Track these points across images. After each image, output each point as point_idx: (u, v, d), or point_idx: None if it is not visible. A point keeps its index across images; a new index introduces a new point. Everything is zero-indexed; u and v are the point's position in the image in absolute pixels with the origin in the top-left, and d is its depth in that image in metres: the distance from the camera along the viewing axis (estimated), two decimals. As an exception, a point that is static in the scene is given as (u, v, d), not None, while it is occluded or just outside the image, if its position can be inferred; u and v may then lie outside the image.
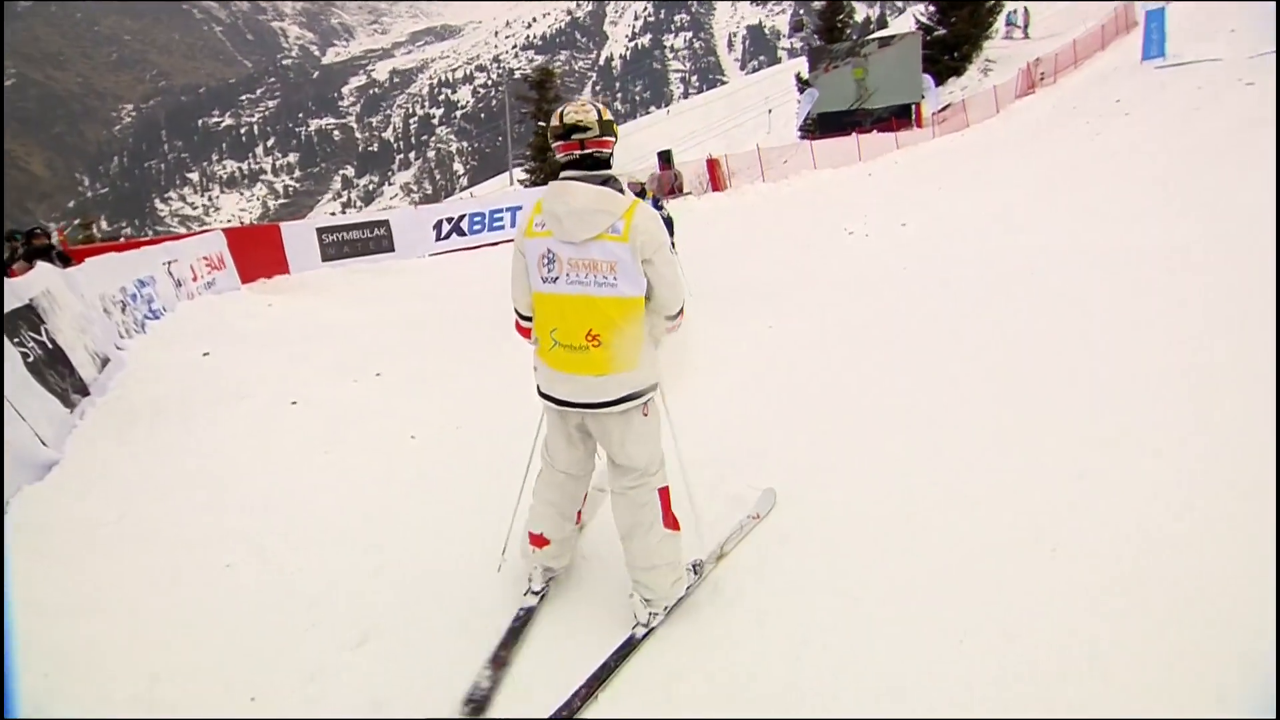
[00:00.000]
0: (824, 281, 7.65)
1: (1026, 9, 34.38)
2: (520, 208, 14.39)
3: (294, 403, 4.63)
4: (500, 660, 2.16)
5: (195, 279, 9.10)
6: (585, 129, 2.12)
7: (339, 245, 12.55)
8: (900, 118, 27.13)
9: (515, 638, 2.26)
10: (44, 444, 3.62)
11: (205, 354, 6.04)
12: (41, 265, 5.37)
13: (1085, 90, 21.36)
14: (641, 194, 3.48)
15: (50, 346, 4.41)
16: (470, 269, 11.63)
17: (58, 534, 2.81)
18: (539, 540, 2.42)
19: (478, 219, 13.94)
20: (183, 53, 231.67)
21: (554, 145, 2.17)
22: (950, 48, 30.99)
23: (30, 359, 4.08)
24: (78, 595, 2.41)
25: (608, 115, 2.18)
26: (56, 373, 4.32)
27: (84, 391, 4.52)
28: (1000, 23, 32.44)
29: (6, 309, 4.18)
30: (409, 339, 6.74)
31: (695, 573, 2.49)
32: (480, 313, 7.88)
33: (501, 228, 14.08)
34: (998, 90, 25.25)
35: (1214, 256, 5.85)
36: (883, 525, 2.71)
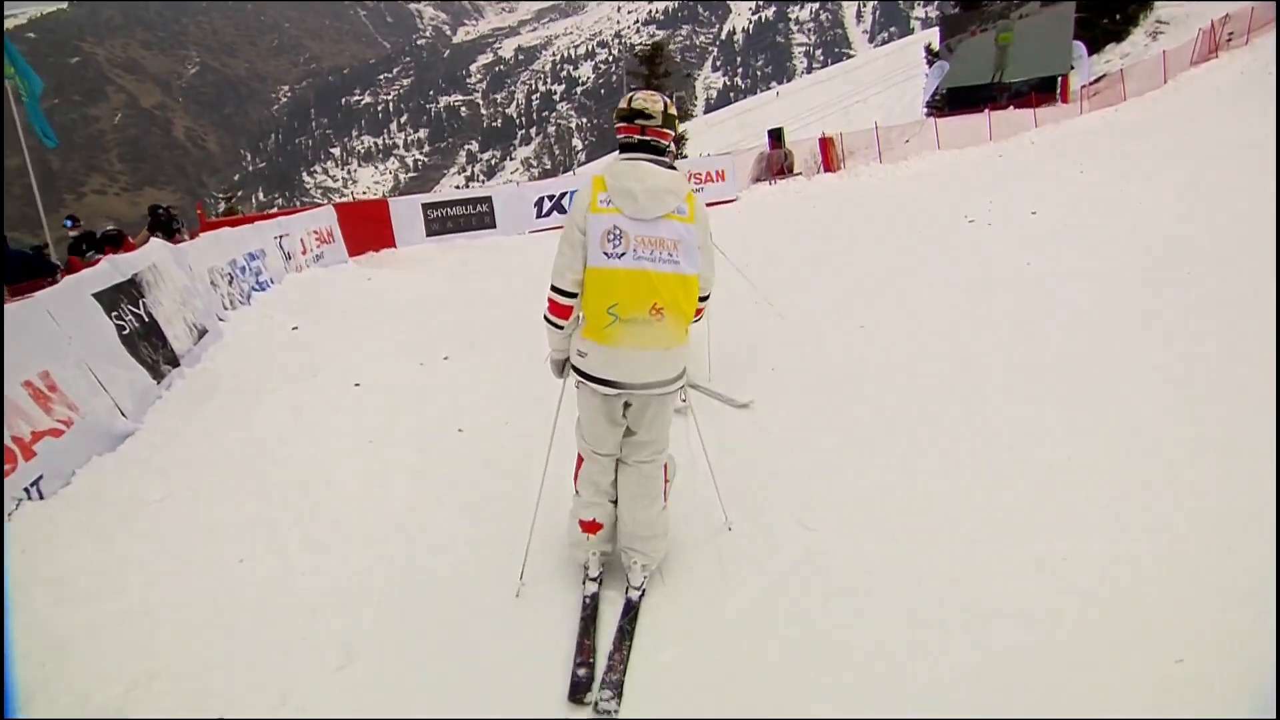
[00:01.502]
0: (933, 276, 6.89)
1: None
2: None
3: (357, 384, 4.68)
4: (587, 649, 2.20)
5: (305, 252, 9.63)
6: (649, 116, 2.24)
7: (443, 221, 12.92)
8: (1042, 92, 24.32)
9: (592, 625, 2.30)
10: (123, 415, 3.83)
11: (295, 328, 6.31)
12: (154, 240, 5.77)
13: (1285, 54, 18.14)
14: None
15: (147, 319, 4.69)
16: (564, 248, 11.62)
17: (104, 509, 2.92)
18: (592, 526, 2.46)
19: (584, 188, 13.88)
20: (331, 36, 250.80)
21: (619, 125, 2.28)
22: (1112, 9, 27.29)
23: (125, 331, 4.34)
24: (96, 578, 2.46)
25: (673, 110, 2.31)
26: (150, 344, 4.59)
27: (175, 363, 4.79)
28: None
29: (112, 284, 4.47)
30: (488, 319, 6.72)
31: None
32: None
33: (600, 207, 13.98)
34: (1167, 56, 22.04)
35: None
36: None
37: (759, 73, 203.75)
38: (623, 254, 2.18)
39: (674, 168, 2.27)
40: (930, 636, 2.13)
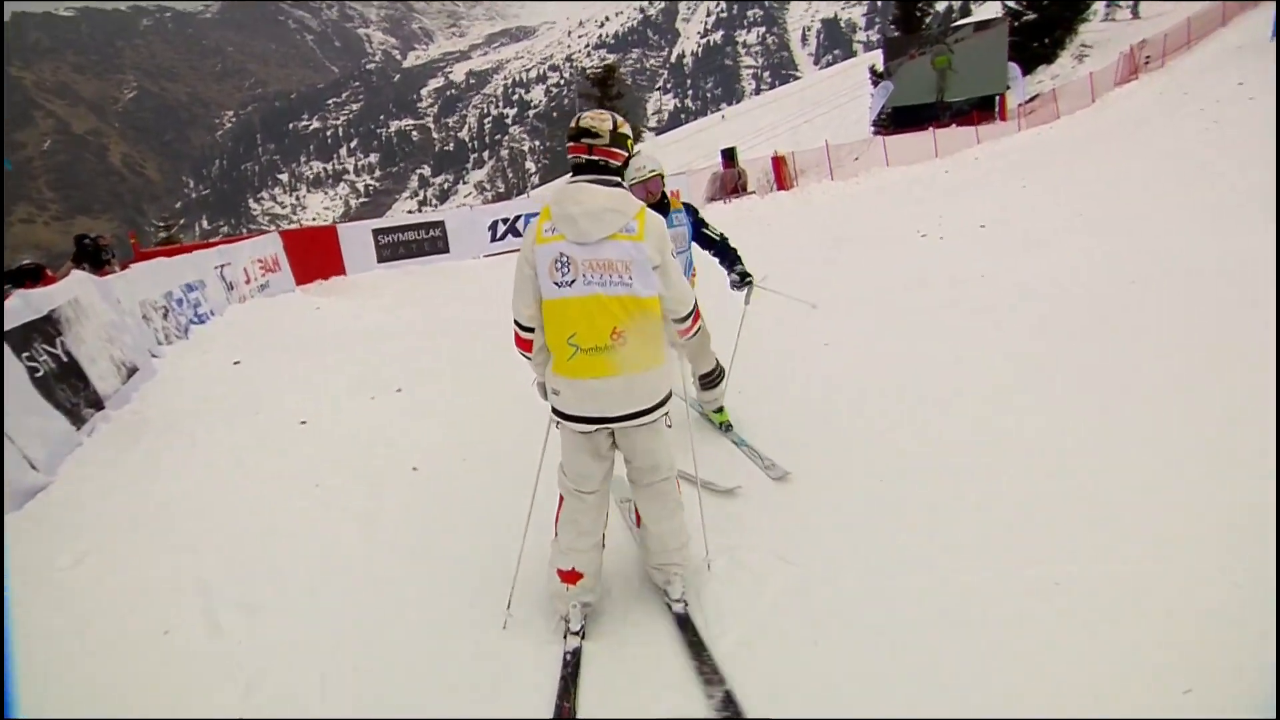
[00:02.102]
0: (893, 291, 6.94)
1: (1136, -14, 31.64)
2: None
3: (303, 422, 4.39)
4: (566, 710, 2.03)
5: (249, 282, 9.21)
6: (596, 135, 2.17)
7: (394, 247, 12.60)
8: (982, 110, 25.36)
9: (573, 684, 2.11)
10: (33, 467, 3.47)
11: (236, 362, 5.95)
12: (76, 273, 5.37)
13: (1200, 73, 19.30)
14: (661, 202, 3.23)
15: (66, 359, 4.32)
16: (521, 271, 11.42)
17: (10, 577, 2.59)
18: (572, 576, 2.32)
19: (533, 220, 13.72)
20: (277, 61, 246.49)
21: (569, 145, 2.21)
22: (1041, 33, 28.74)
23: (39, 373, 3.97)
24: (-7, 662, 2.15)
25: (624, 129, 2.22)
26: (69, 386, 4.22)
27: (99, 405, 4.42)
28: (1098, 2, 29.91)
29: (21, 322, 4.10)
30: (442, 348, 6.48)
31: None
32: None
33: (556, 229, 13.84)
34: (1094, 77, 23.22)
35: None
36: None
37: (709, 94, 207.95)
38: (573, 281, 2.10)
39: (621, 185, 2.21)
40: (918, 665, 2.01)
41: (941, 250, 8.64)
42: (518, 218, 13.55)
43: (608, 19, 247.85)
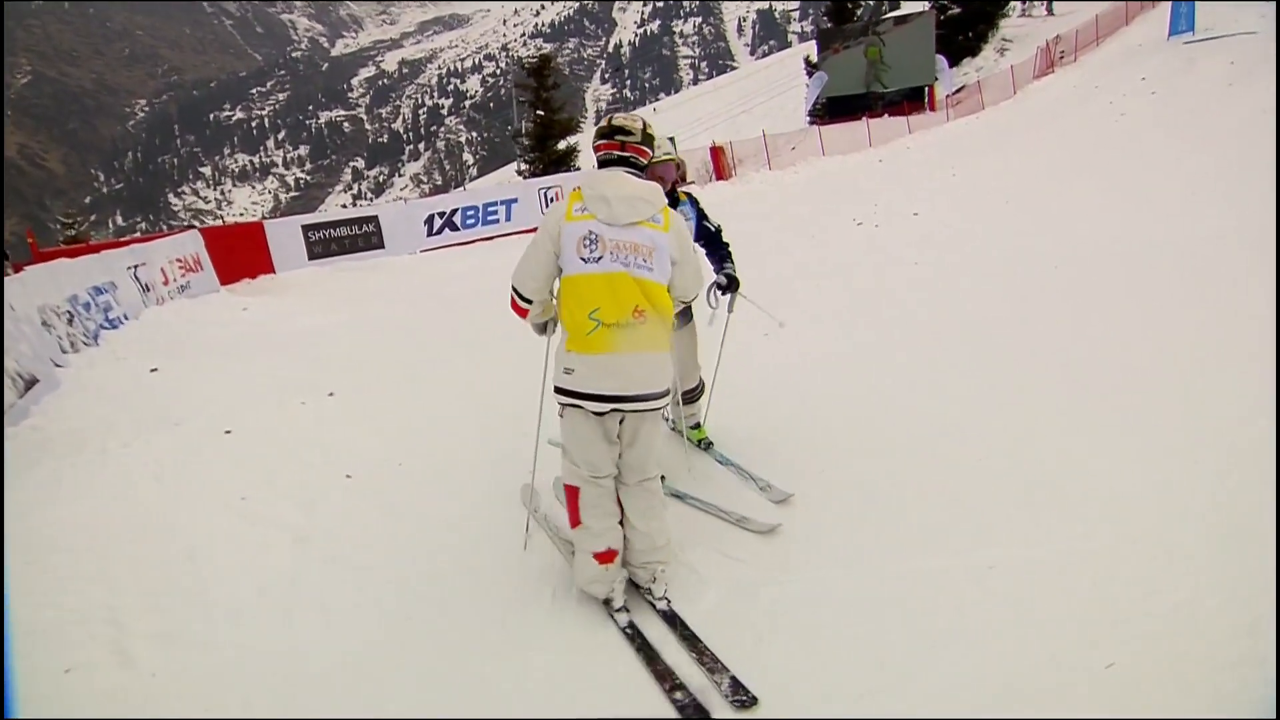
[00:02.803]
0: (831, 279, 7.07)
1: (1051, -15, 33.12)
2: (515, 200, 13.85)
3: (228, 432, 4.12)
4: (668, 673, 2.09)
5: (166, 282, 8.64)
6: (629, 133, 2.36)
7: (326, 243, 12.05)
8: (912, 101, 26.16)
9: (652, 650, 2.19)
10: (-84, 493, 3.14)
11: (153, 370, 5.57)
12: (-38, 278, 4.91)
13: (1108, 68, 20.42)
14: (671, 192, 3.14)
15: (-48, 372, 3.94)
16: (460, 266, 11.14)
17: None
18: (609, 555, 2.38)
19: (470, 213, 13.38)
20: (193, 47, 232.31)
21: (596, 144, 2.41)
22: (965, 26, 29.81)
23: (-78, 389, 3.61)
24: None
25: (651, 130, 2.43)
26: (-43, 402, 3.85)
27: (-7, 422, 4.05)
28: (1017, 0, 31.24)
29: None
30: (377, 348, 6.25)
31: None
32: (461, 316, 7.40)
33: (495, 221, 13.54)
34: (1015, 70, 24.25)
35: (1246, 249, 5.26)
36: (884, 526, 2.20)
37: (646, 84, 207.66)
38: (600, 257, 2.22)
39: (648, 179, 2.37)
40: (871, 659, 2.04)
41: (876, 238, 8.86)
42: (454, 211, 13.18)
43: (543, 7, 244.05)
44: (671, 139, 3.23)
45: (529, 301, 2.39)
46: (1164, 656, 1.83)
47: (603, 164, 2.38)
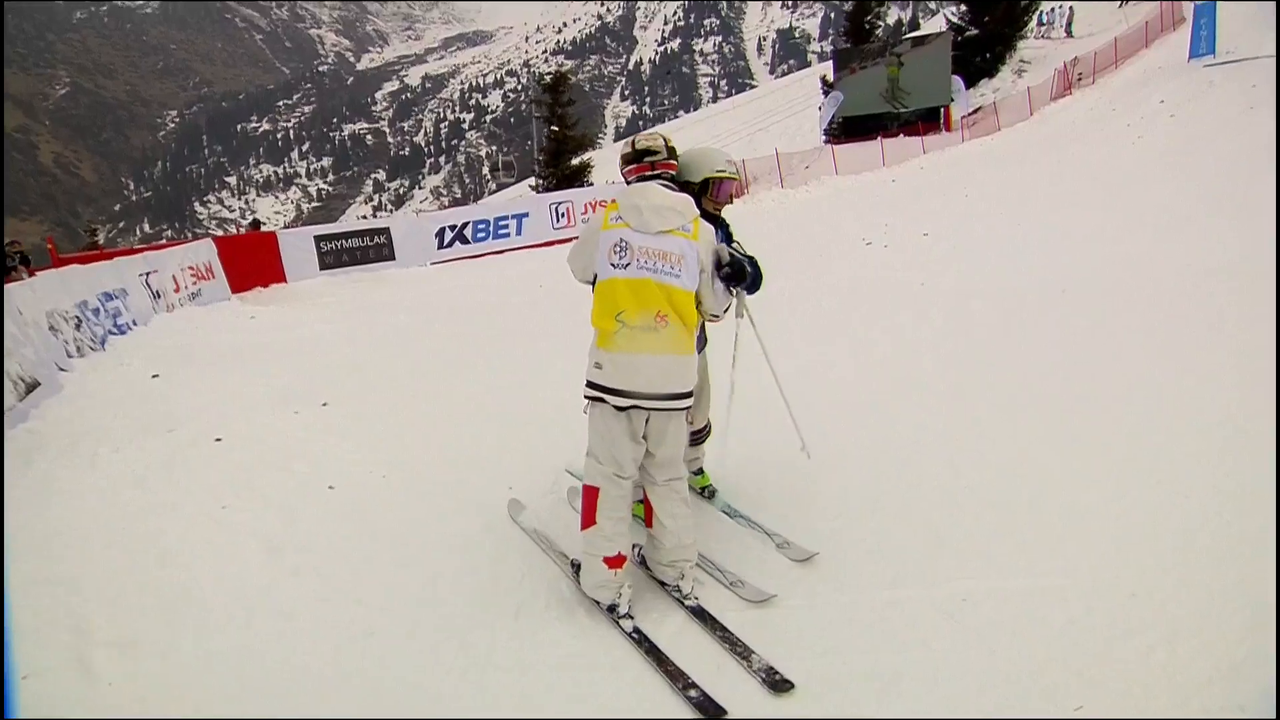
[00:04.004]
0: (835, 297, 7.03)
1: (1071, 7, 32.97)
2: (526, 214, 13.97)
3: (218, 439, 4.15)
4: (680, 674, 2.11)
5: (178, 290, 8.81)
6: (655, 153, 2.54)
7: (337, 254, 12.24)
8: (928, 121, 26.11)
9: (660, 652, 2.21)
10: (-95, 494, 3.19)
11: (155, 376, 5.65)
12: (-28, 282, 5.02)
13: (1126, 91, 20.24)
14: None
15: (-49, 375, 4.02)
16: (469, 278, 11.24)
17: None
18: (619, 560, 2.42)
19: (482, 226, 13.53)
20: (224, 60, 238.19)
21: (625, 170, 2.57)
22: (982, 48, 29.76)
23: (-80, 391, 3.68)
24: None
25: (672, 143, 2.60)
26: (-45, 404, 3.92)
27: (-10, 424, 4.11)
28: (1034, 22, 31.15)
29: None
30: (378, 358, 6.28)
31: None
32: (466, 329, 7.45)
33: (506, 235, 13.66)
34: (1031, 92, 24.14)
35: (1258, 277, 5.16)
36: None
37: (666, 101, 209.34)
38: (628, 264, 2.36)
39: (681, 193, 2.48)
40: (832, 700, 1.98)
41: (885, 258, 8.81)
42: (465, 224, 13.33)
43: (565, 25, 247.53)
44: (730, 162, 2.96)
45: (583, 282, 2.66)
46: (1133, 703, 1.77)
47: (640, 179, 2.55)
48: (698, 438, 3.18)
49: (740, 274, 2.70)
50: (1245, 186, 8.84)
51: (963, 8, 30.86)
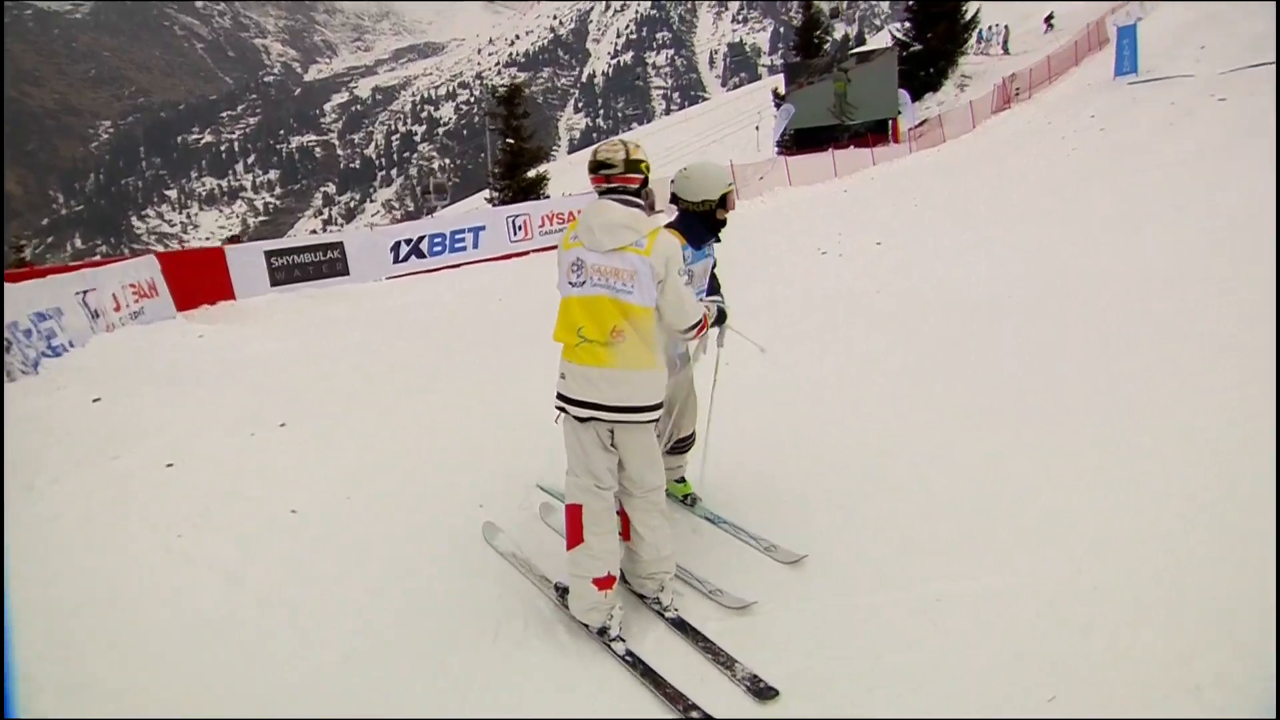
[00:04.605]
0: (792, 306, 7.15)
1: (1007, 26, 34.58)
2: (484, 228, 13.84)
3: (169, 465, 3.98)
4: (678, 696, 2.09)
5: (118, 309, 8.40)
6: (611, 166, 2.44)
7: (289, 269, 11.87)
8: (877, 133, 26.95)
9: (656, 674, 2.18)
10: None
11: (96, 399, 5.36)
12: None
13: (1060, 106, 21.30)
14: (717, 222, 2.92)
15: (-128, 404, 3.74)
16: (426, 293, 11.06)
17: None
18: (609, 581, 2.39)
19: (438, 240, 13.33)
20: (162, 69, 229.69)
21: (591, 177, 2.50)
22: (926, 63, 30.94)
23: None
24: None
25: (636, 154, 2.47)
26: (-125, 436, 3.65)
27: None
28: (974, 39, 32.55)
29: None
30: (336, 377, 6.11)
31: None
32: (425, 344, 7.32)
33: (463, 249, 13.50)
34: (974, 105, 25.17)
35: (1189, 279, 5.57)
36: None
37: (620, 114, 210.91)
38: (583, 282, 2.38)
39: (641, 206, 2.45)
40: (815, 703, 2.00)
41: (840, 268, 9.01)
42: (421, 238, 13.12)
43: (518, 37, 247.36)
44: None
45: None
46: (1101, 690, 1.84)
47: (602, 195, 2.49)
48: (681, 446, 3.20)
49: (722, 315, 3.02)
50: (1173, 196, 9.40)
51: (907, 24, 32.05)
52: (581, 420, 2.39)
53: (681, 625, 2.39)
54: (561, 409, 2.43)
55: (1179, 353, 4.20)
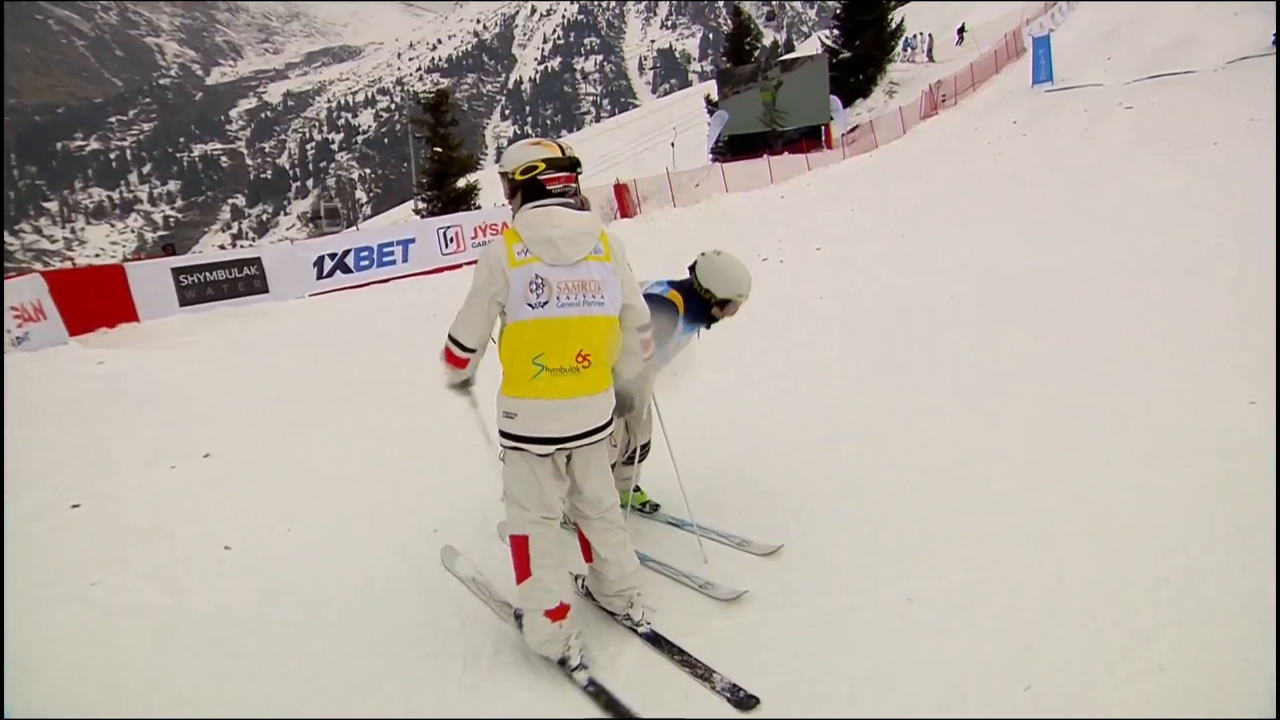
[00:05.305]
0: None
1: (931, 35, 36.48)
2: (413, 240, 13.54)
3: (76, 505, 3.72)
4: None
5: (3, 332, 7.80)
6: (578, 166, 2.32)
7: (200, 287, 11.29)
8: (810, 139, 27.87)
9: (620, 705, 2.14)
10: None
11: (-20, 437, 4.96)
12: None
13: (985, 112, 22.59)
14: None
15: None
16: (354, 310, 10.73)
17: None
18: (562, 611, 2.31)
19: (365, 254, 12.96)
20: (35, 68, 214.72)
21: (554, 175, 2.26)
22: (856, 69, 32.28)
23: None
24: None
25: (571, 153, 2.35)
26: None
27: None
28: (900, 46, 34.18)
29: None
30: (262, 402, 5.85)
31: None
32: (356, 364, 7.08)
33: (392, 263, 13.17)
34: (903, 111, 26.38)
35: (1117, 276, 6.11)
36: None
37: (549, 121, 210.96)
38: (546, 302, 2.20)
39: (587, 208, 2.37)
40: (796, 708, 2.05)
41: (782, 274, 9.26)
42: (347, 252, 12.72)
43: (440, 42, 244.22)
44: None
45: (471, 351, 2.31)
46: (1071, 676, 1.96)
47: (534, 195, 2.26)
48: (637, 456, 3.21)
49: None
50: (1088, 198, 10.14)
51: (835, 31, 33.39)
52: (544, 455, 2.28)
53: (656, 640, 2.40)
54: (515, 448, 2.28)
55: (1115, 345, 4.53)
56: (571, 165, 2.30)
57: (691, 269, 2.95)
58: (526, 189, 2.27)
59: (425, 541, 3.14)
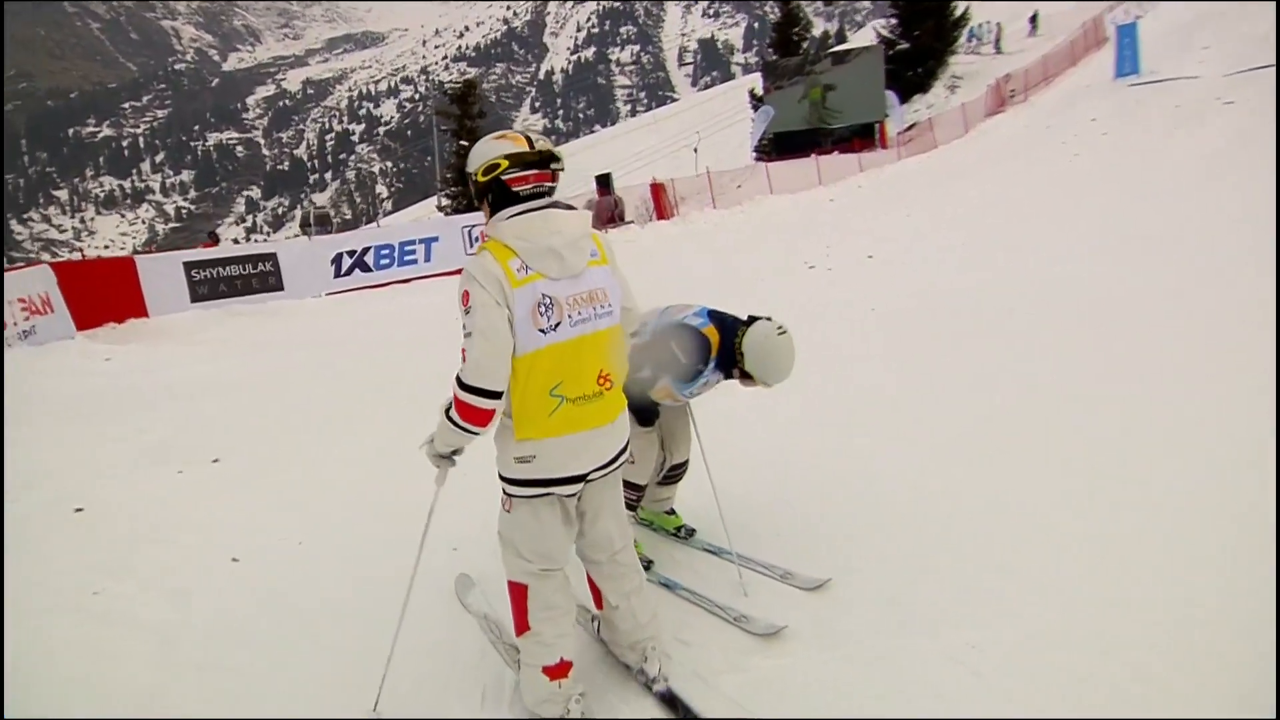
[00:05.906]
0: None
1: (999, 24, 36.02)
2: (436, 239, 13.76)
3: (79, 509, 3.83)
4: None
5: (4, 327, 8.12)
6: (558, 159, 2.13)
7: (213, 283, 11.64)
8: (863, 137, 27.70)
9: None
10: None
11: (-18, 433, 5.15)
12: None
13: (1059, 109, 22.17)
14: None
15: None
16: (372, 310, 10.95)
17: None
18: (563, 669, 2.22)
19: (385, 252, 13.23)
20: (49, 51, 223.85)
21: (520, 174, 2.06)
22: (914, 62, 32.02)
23: None
24: None
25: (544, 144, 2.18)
26: None
27: None
28: (964, 37, 33.83)
29: None
30: (274, 404, 5.99)
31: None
32: (374, 366, 7.20)
33: (414, 261, 13.42)
34: (966, 108, 26.09)
35: (1205, 295, 5.88)
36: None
37: (581, 115, 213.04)
38: (557, 324, 2.04)
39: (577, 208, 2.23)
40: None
41: (830, 283, 9.18)
42: (366, 250, 13.00)
43: (468, 29, 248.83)
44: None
45: (499, 396, 2.02)
46: None
47: (527, 198, 2.09)
48: (673, 476, 3.21)
49: None
50: (1180, 206, 9.85)
51: (892, 21, 33.18)
52: (566, 496, 2.17)
53: (671, 701, 2.29)
54: (532, 496, 2.14)
55: (1190, 369, 4.38)
56: (543, 161, 2.08)
57: (745, 324, 2.75)
58: (495, 192, 2.08)
59: (444, 561, 3.16)
